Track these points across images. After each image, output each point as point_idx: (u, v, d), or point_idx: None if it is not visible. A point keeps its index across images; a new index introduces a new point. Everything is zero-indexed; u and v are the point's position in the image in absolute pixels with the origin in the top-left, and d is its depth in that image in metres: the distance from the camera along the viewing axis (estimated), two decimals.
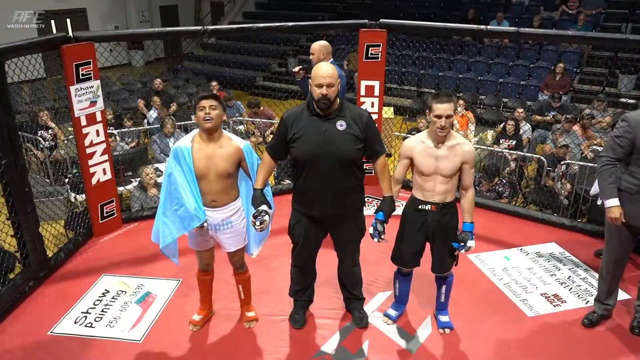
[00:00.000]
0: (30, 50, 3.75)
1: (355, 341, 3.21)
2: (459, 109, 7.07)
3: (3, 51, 3.36)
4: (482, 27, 4.71)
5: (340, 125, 2.80)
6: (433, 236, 3.04)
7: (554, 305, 3.56)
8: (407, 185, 3.89)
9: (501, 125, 6.98)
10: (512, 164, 6.21)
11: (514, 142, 6.65)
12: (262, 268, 3.96)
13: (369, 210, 4.80)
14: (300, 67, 4.31)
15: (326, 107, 2.76)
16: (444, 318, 3.33)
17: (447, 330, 3.28)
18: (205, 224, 2.89)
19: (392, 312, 3.39)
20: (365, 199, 3.21)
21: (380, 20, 4.99)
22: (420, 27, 5.38)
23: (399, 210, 4.45)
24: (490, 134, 7.19)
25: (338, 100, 2.81)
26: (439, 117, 2.78)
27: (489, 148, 6.36)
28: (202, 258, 3.17)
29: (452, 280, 3.24)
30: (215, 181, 2.86)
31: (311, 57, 4.29)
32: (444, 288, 3.25)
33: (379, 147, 2.92)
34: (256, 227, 2.84)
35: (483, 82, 10.11)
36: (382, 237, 2.96)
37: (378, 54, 5.01)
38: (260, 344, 3.18)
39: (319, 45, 4.26)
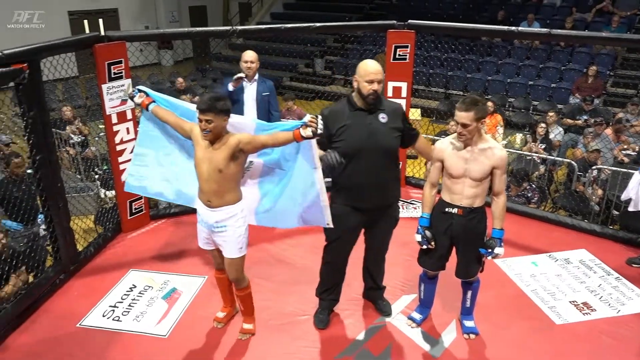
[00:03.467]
0: (65, 49, 3.84)
1: (378, 343, 3.20)
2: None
3: (39, 50, 3.45)
4: (513, 28, 4.64)
5: (382, 117, 2.93)
6: (458, 240, 3.01)
7: (583, 314, 3.48)
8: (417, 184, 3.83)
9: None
10: (542, 168, 6.09)
11: (543, 146, 6.52)
12: (286, 267, 3.97)
13: (402, 212, 4.76)
14: (240, 77, 4.33)
15: (374, 102, 2.88)
16: (469, 323, 3.28)
17: (472, 336, 3.24)
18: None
19: (417, 316, 3.36)
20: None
21: (409, 21, 4.96)
22: (449, 28, 5.32)
23: (416, 213, 4.43)
24: (519, 137, 7.07)
25: None
26: (456, 122, 2.80)
27: (517, 152, 6.26)
28: (214, 257, 3.14)
29: (479, 286, 3.20)
30: (208, 180, 2.79)
31: (250, 65, 4.33)
32: (469, 293, 3.21)
33: (413, 131, 3.12)
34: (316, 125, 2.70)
35: (512, 85, 9.94)
36: (431, 243, 3.00)
37: (406, 55, 4.97)
38: (283, 343, 3.19)
39: (256, 55, 4.40)
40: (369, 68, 2.86)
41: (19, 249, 3.87)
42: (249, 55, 4.37)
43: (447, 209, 2.96)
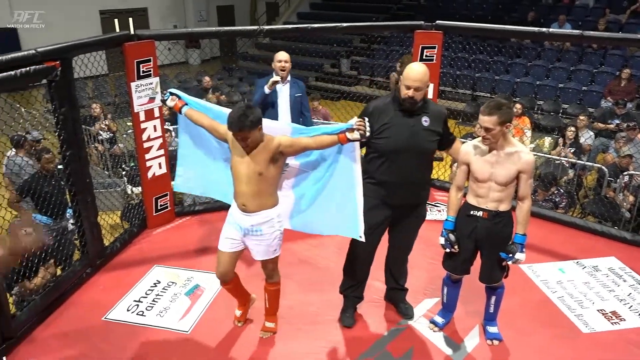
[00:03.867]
0: (96, 47, 3.92)
1: (400, 346, 3.17)
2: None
3: (71, 48, 3.53)
4: (544, 29, 4.55)
5: (425, 120, 2.93)
6: (482, 244, 2.97)
7: (611, 323, 3.39)
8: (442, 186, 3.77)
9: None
10: (571, 173, 5.96)
11: (572, 150, 6.38)
12: (309, 267, 3.98)
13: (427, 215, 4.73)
14: (276, 80, 4.26)
15: (411, 107, 2.88)
16: (492, 329, 3.23)
17: (496, 342, 3.18)
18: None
19: (439, 319, 3.33)
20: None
21: (436, 21, 4.91)
22: (478, 29, 5.25)
23: (440, 215, 4.37)
24: (547, 140, 6.93)
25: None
26: (479, 126, 2.77)
27: (546, 155, 6.14)
28: (220, 262, 2.99)
29: (503, 292, 3.14)
30: (246, 183, 2.75)
31: (284, 65, 4.27)
32: (493, 299, 3.16)
33: (451, 135, 3.15)
34: (365, 128, 2.75)
35: (542, 87, 9.75)
36: (455, 247, 2.98)
37: (433, 56, 4.92)
38: (304, 343, 3.19)
39: (288, 55, 4.34)
40: (410, 73, 2.82)
41: (48, 242, 3.96)
42: (283, 55, 4.32)
43: (472, 212, 2.92)
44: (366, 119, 2.77)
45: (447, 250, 3.02)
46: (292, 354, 3.11)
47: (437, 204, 5.01)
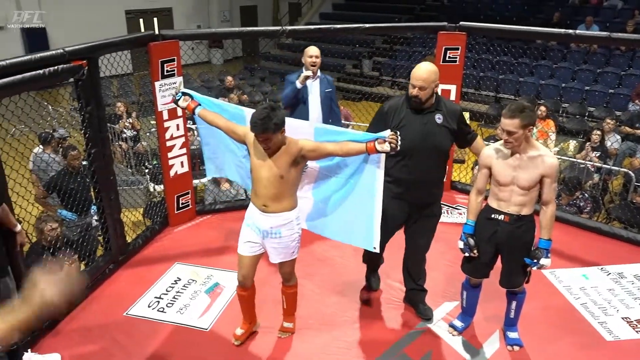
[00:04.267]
0: (122, 46, 3.98)
1: (418, 349, 3.15)
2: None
3: (98, 47, 3.59)
4: (570, 31, 4.47)
5: (438, 118, 2.98)
6: (503, 248, 2.93)
7: (636, 332, 3.31)
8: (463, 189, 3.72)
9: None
10: (596, 177, 5.84)
11: (598, 154, 6.25)
12: (327, 268, 3.98)
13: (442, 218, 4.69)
14: (307, 75, 4.25)
15: (417, 106, 2.94)
16: (512, 334, 3.19)
17: (516, 348, 3.14)
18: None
19: (458, 323, 3.30)
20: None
21: (461, 22, 4.87)
22: (503, 31, 5.19)
23: (461, 218, 4.33)
24: (572, 144, 6.81)
25: (434, 95, 2.97)
26: (502, 130, 2.72)
27: (570, 159, 6.03)
28: (241, 266, 2.96)
29: (524, 297, 3.09)
30: (267, 185, 2.71)
31: (315, 60, 4.26)
32: (514, 304, 3.11)
33: (471, 133, 3.15)
34: (397, 142, 2.68)
35: (567, 90, 9.58)
36: (474, 251, 2.95)
37: (456, 57, 4.88)
38: (322, 344, 3.19)
39: (319, 50, 4.34)
40: (415, 72, 2.89)
41: (72, 237, 4.04)
42: (314, 50, 4.29)
43: (493, 215, 2.89)
44: (398, 132, 2.72)
45: (466, 254, 2.99)
46: (310, 354, 3.12)
47: (457, 207, 4.97)
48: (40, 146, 5.55)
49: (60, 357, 3.07)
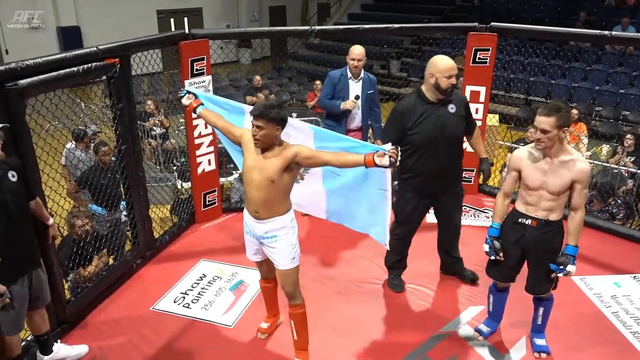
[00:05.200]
0: (153, 45, 4.05)
1: (441, 353, 3.11)
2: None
3: (130, 46, 3.66)
4: (606, 32, 4.35)
5: (452, 108, 3.18)
6: (530, 253, 2.87)
7: None
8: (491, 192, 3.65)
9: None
10: (630, 183, 5.68)
11: (632, 159, 6.08)
12: (351, 268, 3.96)
13: (469, 221, 4.64)
14: (354, 104, 4.27)
15: (450, 94, 3.15)
16: (540, 341, 3.12)
17: (543, 355, 3.07)
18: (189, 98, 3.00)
19: (484, 328, 3.24)
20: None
21: (492, 23, 4.79)
22: (535, 32, 5.08)
23: (488, 222, 4.26)
24: (605, 148, 6.64)
25: None
26: (535, 128, 2.66)
27: (603, 164, 5.88)
28: (260, 268, 3.06)
29: (551, 304, 3.02)
30: (258, 189, 2.62)
31: (358, 63, 4.27)
32: (541, 310, 3.04)
33: (474, 121, 3.43)
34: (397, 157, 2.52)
35: (601, 93, 9.34)
36: (500, 254, 2.92)
37: (486, 59, 4.81)
38: (344, 344, 3.18)
39: (364, 50, 4.35)
40: (449, 64, 3.07)
41: (102, 232, 4.12)
42: (358, 51, 4.24)
43: (520, 220, 2.83)
44: (399, 147, 2.59)
45: (492, 257, 2.95)
46: (332, 355, 3.11)
47: (485, 210, 4.89)
48: (72, 142, 5.67)
49: (88, 348, 3.13)
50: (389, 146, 2.58)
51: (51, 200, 3.31)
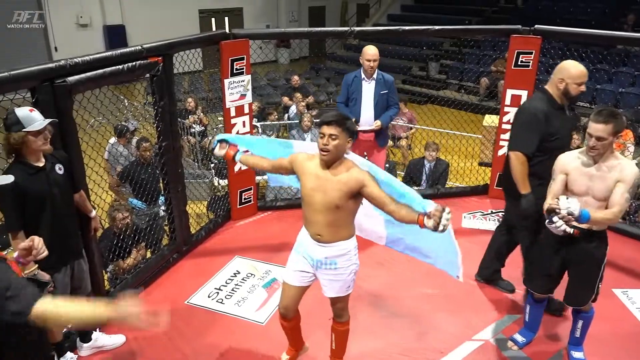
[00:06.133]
0: (195, 44, 4.14)
1: None
2: None
3: (173, 45, 3.75)
4: None
5: (569, 112, 3.21)
6: (570, 264, 2.79)
7: None
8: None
9: None
10: None
11: None
12: (385, 271, 3.95)
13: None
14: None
15: (575, 101, 3.20)
16: (577, 354, 3.03)
17: None
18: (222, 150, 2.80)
19: (520, 338, 3.17)
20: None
21: (535, 26, 4.68)
22: (581, 35, 4.94)
23: None
24: None
25: None
26: (590, 135, 2.56)
27: None
28: (285, 296, 2.72)
29: (592, 317, 2.93)
30: (322, 212, 2.44)
31: (373, 63, 4.23)
32: (580, 323, 2.95)
33: None
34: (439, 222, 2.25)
35: None
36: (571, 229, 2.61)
37: (529, 62, 4.70)
38: (375, 348, 3.17)
39: (377, 51, 4.29)
40: (581, 70, 3.02)
41: (141, 226, 4.23)
42: (372, 52, 4.23)
43: None
44: (446, 210, 2.25)
45: (566, 230, 2.60)
46: (365, 356, 3.10)
47: None
48: (115, 137, 5.84)
49: (125, 338, 3.22)
50: (432, 207, 2.32)
51: (94, 194, 3.41)
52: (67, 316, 1.66)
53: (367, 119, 4.35)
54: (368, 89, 4.33)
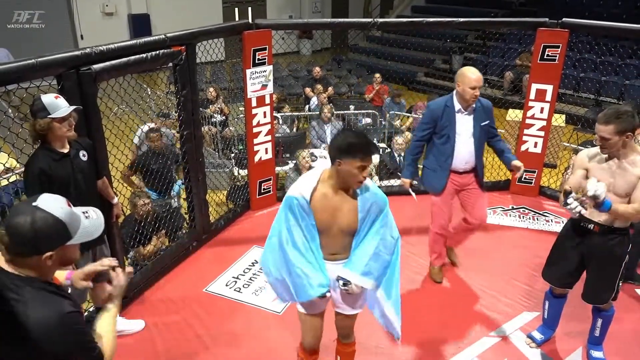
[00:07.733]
0: (218, 34, 4.15)
1: (491, 356, 3.05)
2: None
3: (197, 34, 3.77)
4: None
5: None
6: (590, 260, 2.74)
7: None
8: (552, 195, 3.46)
9: None
10: None
11: None
12: (402, 265, 3.92)
13: (527, 223, 4.49)
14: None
15: None
16: (597, 354, 2.98)
17: None
18: (327, 294, 2.32)
19: (537, 335, 3.14)
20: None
21: (563, 19, 4.58)
22: (611, 29, 4.81)
23: (547, 226, 4.08)
24: None
25: None
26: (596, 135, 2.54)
27: None
28: (309, 328, 2.50)
29: (612, 315, 2.88)
30: (339, 236, 2.33)
31: (477, 92, 3.32)
32: (599, 321, 2.90)
33: None
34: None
35: None
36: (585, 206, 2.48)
37: (555, 56, 4.61)
38: (391, 344, 3.17)
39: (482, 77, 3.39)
40: (479, 77, 3.19)
41: (161, 214, 4.28)
42: (478, 76, 3.31)
43: (582, 224, 2.70)
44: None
45: (577, 210, 2.50)
46: (376, 353, 3.10)
47: (545, 214, 4.71)
48: (150, 124, 5.65)
49: (145, 323, 3.28)
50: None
51: (116, 181, 3.47)
52: (110, 336, 1.72)
53: (466, 158, 3.44)
54: (465, 122, 3.40)
